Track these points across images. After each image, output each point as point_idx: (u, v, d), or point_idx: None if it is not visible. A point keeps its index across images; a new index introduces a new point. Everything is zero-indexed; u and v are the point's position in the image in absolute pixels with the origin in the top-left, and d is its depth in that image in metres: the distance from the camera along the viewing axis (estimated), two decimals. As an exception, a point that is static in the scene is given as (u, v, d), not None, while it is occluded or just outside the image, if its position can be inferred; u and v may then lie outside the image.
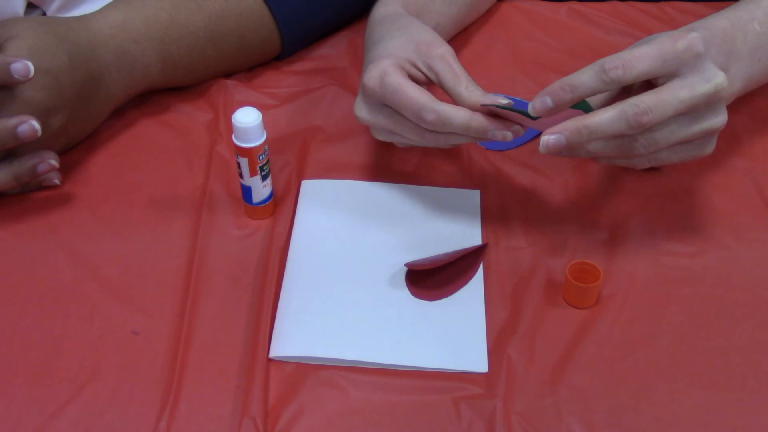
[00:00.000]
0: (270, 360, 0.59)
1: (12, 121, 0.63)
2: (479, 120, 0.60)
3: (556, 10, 0.92)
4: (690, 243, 0.67)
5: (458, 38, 0.88)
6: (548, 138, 0.58)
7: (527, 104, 0.60)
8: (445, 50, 0.65)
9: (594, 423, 0.55)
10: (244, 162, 0.65)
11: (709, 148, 0.62)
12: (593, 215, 0.69)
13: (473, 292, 0.63)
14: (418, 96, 0.61)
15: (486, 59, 0.86)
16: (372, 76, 0.63)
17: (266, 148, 0.65)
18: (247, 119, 0.63)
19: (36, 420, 0.55)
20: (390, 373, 0.58)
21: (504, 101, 0.60)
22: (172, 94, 0.80)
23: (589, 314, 0.62)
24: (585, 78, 0.57)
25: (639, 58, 0.57)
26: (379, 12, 0.74)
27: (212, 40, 0.77)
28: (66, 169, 0.72)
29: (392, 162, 0.74)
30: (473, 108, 0.61)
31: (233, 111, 0.64)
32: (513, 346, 0.59)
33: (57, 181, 0.70)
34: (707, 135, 0.60)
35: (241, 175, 0.66)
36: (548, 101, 0.58)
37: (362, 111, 0.65)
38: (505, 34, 0.89)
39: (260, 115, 0.64)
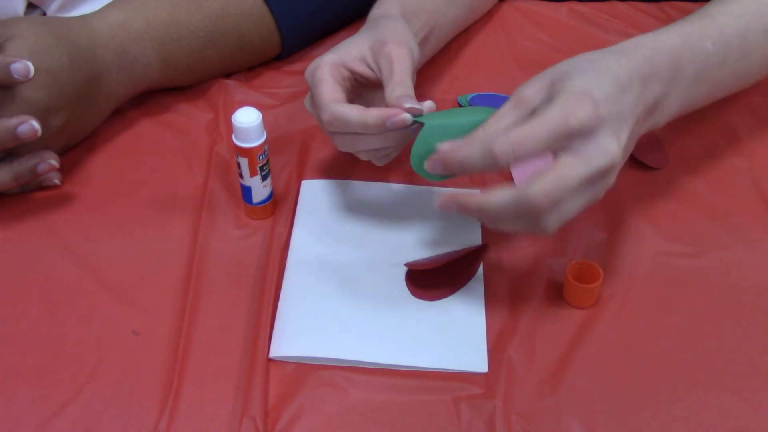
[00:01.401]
0: (270, 360, 0.59)
1: (12, 121, 0.63)
2: (373, 114, 0.60)
3: (556, 10, 0.92)
4: (690, 243, 0.67)
5: (458, 38, 0.88)
6: (439, 201, 0.57)
7: None
8: (393, 49, 0.64)
9: (594, 423, 0.55)
10: (244, 162, 0.65)
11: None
12: (593, 215, 0.69)
13: (473, 292, 0.63)
14: (325, 95, 0.62)
15: (486, 59, 0.86)
16: (309, 67, 0.65)
17: (266, 148, 0.65)
18: (247, 119, 0.63)
19: (36, 420, 0.55)
20: (390, 373, 0.58)
21: (425, 105, 0.61)
22: (172, 94, 0.80)
23: (589, 314, 0.62)
24: (474, 157, 0.55)
25: (529, 139, 0.53)
26: (373, 13, 0.74)
27: (212, 40, 0.77)
28: (66, 169, 0.72)
29: (392, 162, 0.74)
30: (395, 107, 0.61)
31: (233, 111, 0.64)
32: (513, 346, 0.59)
33: (57, 181, 0.70)
34: (596, 199, 0.57)
35: (241, 175, 0.66)
36: (438, 168, 0.57)
37: (306, 101, 0.67)
38: (505, 34, 0.89)
39: (260, 115, 0.64)
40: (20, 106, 0.65)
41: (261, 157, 0.65)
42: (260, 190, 0.67)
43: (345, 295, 0.63)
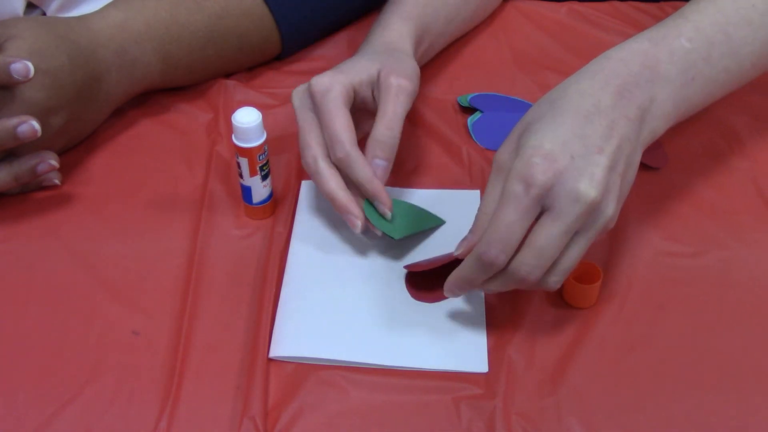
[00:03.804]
0: (270, 360, 0.59)
1: (12, 121, 0.63)
2: (376, 186, 0.63)
3: (556, 10, 0.92)
4: (690, 243, 0.67)
5: (458, 38, 0.88)
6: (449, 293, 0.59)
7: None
8: (394, 81, 0.65)
9: (594, 423, 0.55)
10: (244, 162, 0.65)
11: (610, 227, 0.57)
12: (593, 215, 0.69)
13: (473, 293, 0.63)
14: (342, 128, 0.63)
15: (486, 59, 0.86)
16: (321, 82, 0.64)
17: (266, 148, 0.65)
18: (247, 119, 0.63)
19: (36, 420, 0.55)
20: (390, 373, 0.58)
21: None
22: (172, 94, 0.80)
23: (589, 314, 0.62)
24: (475, 273, 0.56)
25: (504, 231, 0.53)
26: (382, 36, 0.74)
27: (212, 40, 0.77)
28: (66, 169, 0.72)
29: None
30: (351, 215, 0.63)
31: (233, 111, 0.64)
32: (513, 346, 0.59)
33: (57, 181, 0.70)
34: (601, 234, 0.56)
35: (241, 175, 0.66)
36: (456, 291, 0.59)
37: (296, 99, 0.67)
38: (505, 34, 0.89)
39: (260, 115, 0.64)
40: (20, 106, 0.65)
41: (261, 157, 0.65)
42: (260, 190, 0.67)
43: (345, 295, 0.63)
